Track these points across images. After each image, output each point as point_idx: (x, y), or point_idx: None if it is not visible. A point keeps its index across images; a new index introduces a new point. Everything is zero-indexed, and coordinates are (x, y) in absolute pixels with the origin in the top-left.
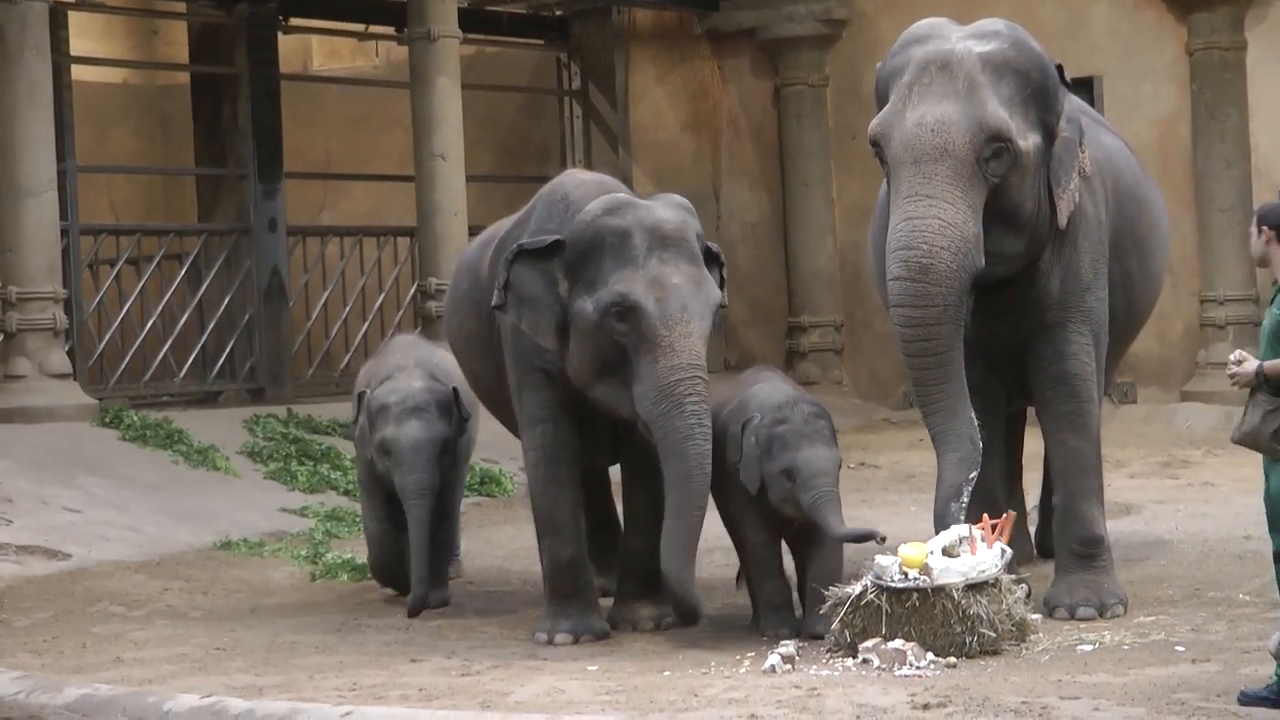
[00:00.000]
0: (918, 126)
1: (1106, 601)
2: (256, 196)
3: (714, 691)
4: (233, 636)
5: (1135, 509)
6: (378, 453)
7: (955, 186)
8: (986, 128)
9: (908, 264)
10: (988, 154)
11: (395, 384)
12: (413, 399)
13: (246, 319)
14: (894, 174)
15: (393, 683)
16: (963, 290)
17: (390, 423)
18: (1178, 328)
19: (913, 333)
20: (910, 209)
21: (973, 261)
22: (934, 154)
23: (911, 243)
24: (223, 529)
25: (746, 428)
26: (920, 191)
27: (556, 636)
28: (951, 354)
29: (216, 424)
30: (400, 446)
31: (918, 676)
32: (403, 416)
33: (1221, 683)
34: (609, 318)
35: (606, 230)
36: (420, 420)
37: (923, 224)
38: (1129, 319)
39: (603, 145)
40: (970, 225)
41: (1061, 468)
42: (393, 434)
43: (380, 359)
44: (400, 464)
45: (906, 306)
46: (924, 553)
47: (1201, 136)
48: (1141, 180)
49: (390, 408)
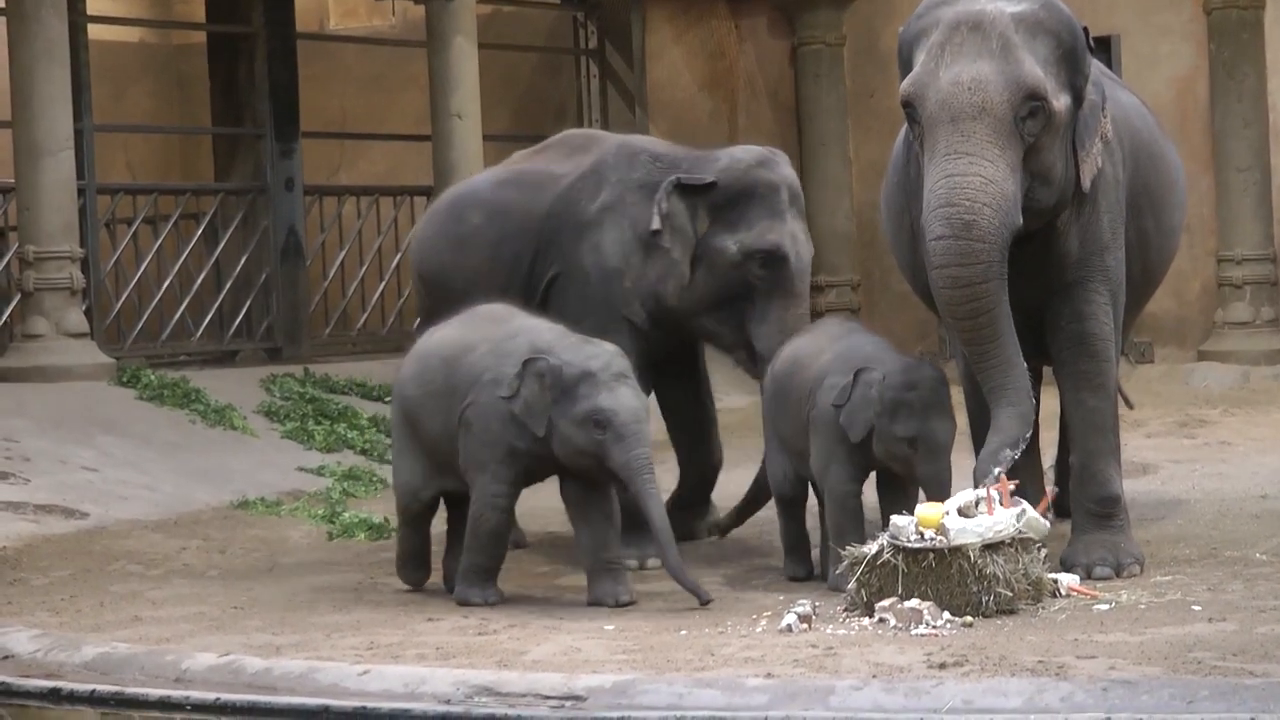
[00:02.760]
0: (954, 85)
1: (1123, 561)
2: (273, 156)
3: (730, 650)
4: (250, 595)
5: (1152, 468)
6: (577, 426)
7: (994, 144)
8: (1024, 86)
9: (950, 222)
10: (1024, 112)
11: (583, 348)
12: (617, 364)
13: (263, 278)
14: (929, 134)
15: (409, 641)
16: (1005, 247)
17: (601, 390)
18: (1195, 287)
19: (960, 294)
20: (949, 166)
21: (1013, 219)
22: (972, 112)
23: (953, 200)
24: (240, 488)
25: (861, 378)
26: (959, 149)
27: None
28: (1000, 310)
29: (233, 383)
30: (620, 418)
31: (934, 636)
32: (613, 384)
33: (1238, 642)
34: (752, 261)
35: (760, 181)
36: (631, 388)
37: (964, 181)
38: (1145, 278)
39: (619, 104)
40: (1009, 183)
41: (1079, 427)
42: (609, 403)
43: (498, 325)
44: (621, 437)
45: (951, 266)
46: (940, 513)
47: (1219, 96)
48: (1158, 138)
49: (596, 374)
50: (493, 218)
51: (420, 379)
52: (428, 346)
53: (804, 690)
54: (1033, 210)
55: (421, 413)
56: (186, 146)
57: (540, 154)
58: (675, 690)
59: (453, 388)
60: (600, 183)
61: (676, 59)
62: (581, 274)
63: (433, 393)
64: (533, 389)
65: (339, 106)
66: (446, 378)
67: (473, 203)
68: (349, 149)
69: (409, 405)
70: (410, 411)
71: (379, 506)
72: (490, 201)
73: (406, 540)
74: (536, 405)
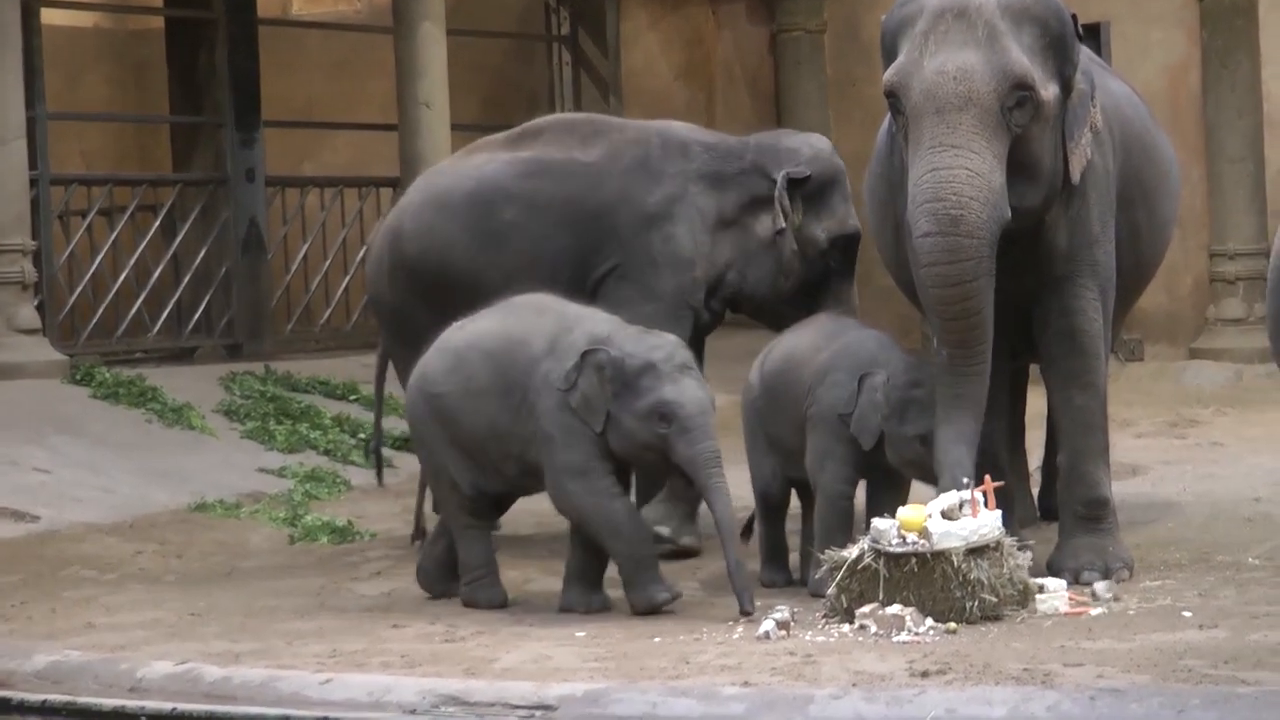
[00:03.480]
0: (939, 75)
1: (1112, 565)
2: (234, 145)
3: (706, 658)
4: (208, 601)
5: (1142, 470)
6: (640, 420)
7: (980, 136)
8: (1011, 75)
9: (937, 217)
10: (1011, 103)
11: (644, 339)
12: (680, 355)
13: (223, 272)
14: (914, 125)
15: (374, 649)
16: (994, 242)
17: (665, 382)
18: (1186, 282)
19: (950, 292)
20: (935, 159)
21: (1001, 213)
22: (958, 103)
23: (940, 194)
24: (198, 490)
25: (865, 383)
26: (945, 141)
27: None
28: (989, 311)
29: (192, 381)
30: (686, 410)
31: (916, 642)
32: (676, 375)
33: (1229, 649)
34: (835, 247)
35: (839, 169)
36: (694, 379)
37: (950, 174)
38: (1136, 272)
39: (593, 93)
40: (997, 175)
41: (1067, 426)
42: (674, 395)
43: (534, 317)
44: (687, 430)
45: (940, 264)
46: (923, 516)
47: (1212, 85)
48: (1150, 128)
49: (658, 365)
50: (532, 211)
51: (456, 376)
52: (462, 340)
53: (782, 699)
54: (1021, 204)
55: (460, 413)
56: (144, 135)
57: (535, 141)
58: (649, 699)
59: (506, 386)
60: (655, 174)
61: (652, 46)
62: (649, 264)
63: (475, 391)
64: (591, 382)
65: (302, 94)
66: (495, 374)
67: (502, 196)
68: (312, 138)
69: (439, 403)
70: (441, 410)
71: (342, 509)
72: (524, 195)
73: (470, 546)
74: (595, 399)
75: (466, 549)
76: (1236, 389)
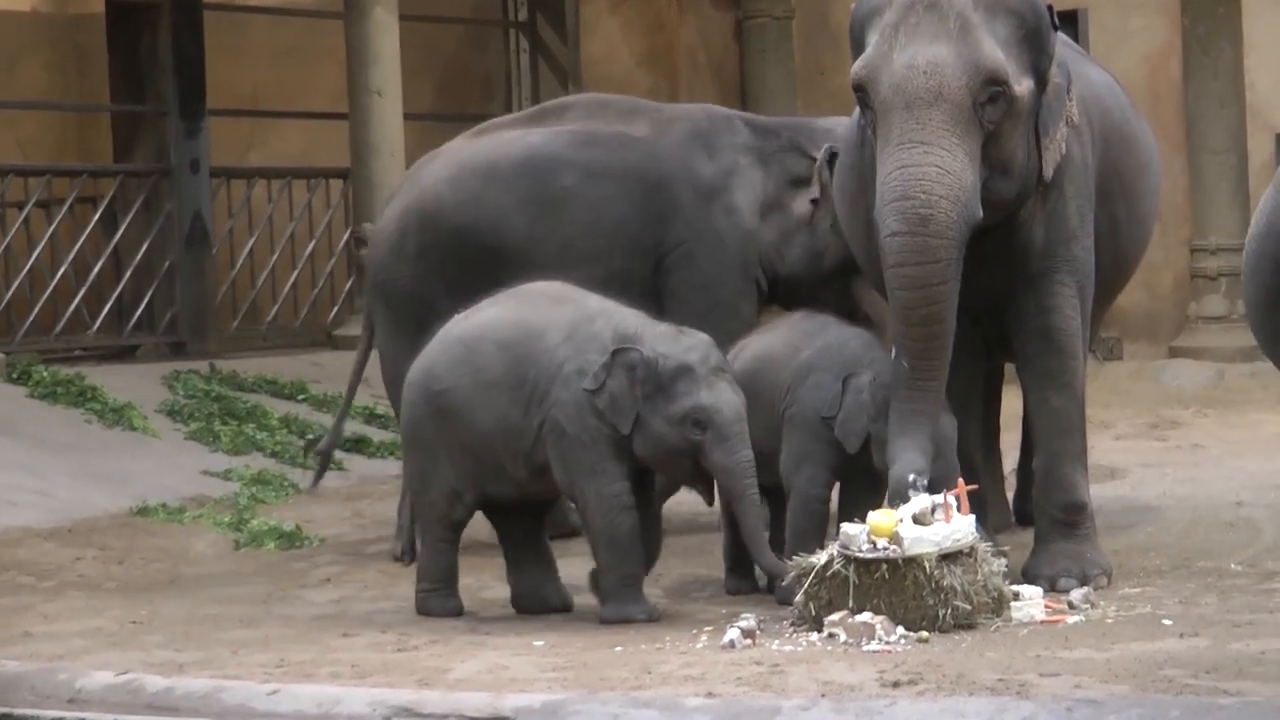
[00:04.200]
0: (908, 69)
1: (1089, 572)
2: (177, 135)
3: (669, 668)
4: (150, 609)
5: (1120, 473)
6: (673, 425)
7: (951, 132)
8: (983, 70)
9: (906, 216)
10: (984, 98)
11: (677, 339)
12: (714, 357)
13: (166, 267)
14: (883, 120)
15: (323, 659)
16: (963, 244)
17: (701, 387)
18: (1167, 279)
19: (917, 295)
20: (904, 156)
21: (972, 212)
22: (927, 98)
23: (909, 192)
24: (140, 493)
25: (850, 384)
26: (914, 138)
27: None
28: (951, 320)
29: (133, 380)
30: (723, 416)
31: (887, 652)
32: (712, 379)
33: (1211, 658)
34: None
35: None
36: (729, 382)
37: (919, 172)
38: (1116, 268)
39: (551, 81)
40: (968, 174)
41: (1043, 428)
42: (710, 401)
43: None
44: (724, 438)
45: (908, 265)
46: (894, 520)
47: (1193, 74)
48: (1130, 118)
49: (694, 368)
50: (589, 179)
51: (464, 368)
52: (470, 330)
53: (748, 710)
54: (992, 202)
55: (466, 407)
56: (83, 124)
57: (563, 118)
58: (609, 710)
59: (519, 379)
60: (710, 147)
61: (613, 32)
62: (716, 239)
63: (486, 383)
64: (621, 382)
65: (249, 82)
66: (508, 367)
67: (559, 163)
68: (259, 128)
69: (445, 399)
70: (446, 407)
71: (290, 513)
72: (581, 162)
73: (438, 558)
74: (624, 401)
75: (432, 558)
76: (1218, 389)
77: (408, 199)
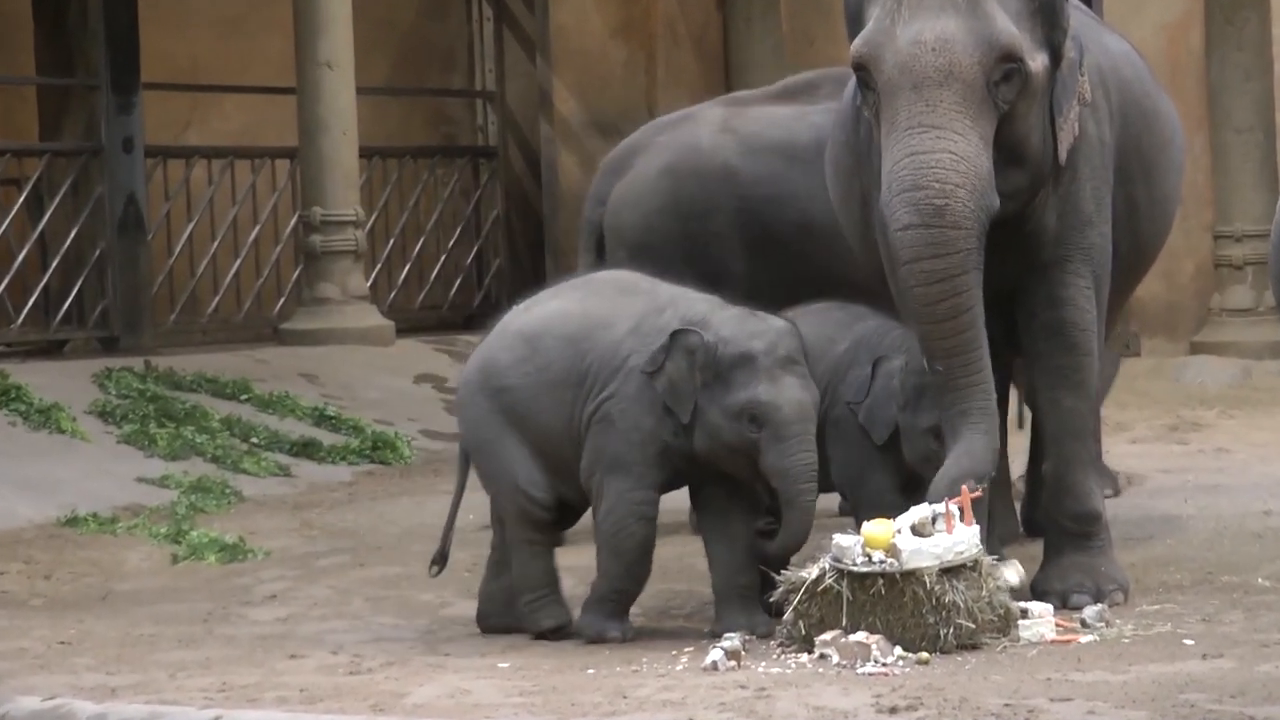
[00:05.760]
0: (915, 45)
1: (1104, 587)
2: (109, 111)
3: (646, 692)
4: (80, 628)
5: (1138, 479)
6: (729, 418)
7: (964, 115)
8: (997, 46)
9: (919, 208)
10: (998, 76)
11: (745, 324)
12: (785, 346)
13: (97, 255)
14: (887, 102)
15: (268, 683)
16: (982, 234)
17: (761, 378)
18: (1188, 268)
19: (936, 290)
20: (914, 142)
21: (989, 200)
22: (937, 77)
23: (921, 182)
24: (69, 502)
25: (880, 368)
26: (924, 122)
27: None
28: (977, 310)
29: (62, 378)
30: (782, 414)
31: (883, 674)
32: (776, 371)
33: (1236, 681)
34: None
35: None
36: (798, 376)
37: (931, 159)
38: (1135, 256)
39: (518, 53)
40: (983, 159)
41: (1053, 431)
42: (768, 395)
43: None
44: (781, 438)
45: (924, 259)
46: (890, 531)
47: (1216, 44)
48: (1151, 91)
49: (756, 357)
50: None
51: (528, 365)
52: (531, 324)
53: None
54: (1007, 190)
55: (532, 406)
56: (7, 99)
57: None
58: None
59: (583, 374)
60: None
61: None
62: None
63: (551, 381)
64: (679, 366)
65: (187, 53)
66: (573, 362)
67: (819, 143)
68: (199, 103)
69: (510, 398)
70: (512, 405)
71: (232, 524)
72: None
73: (532, 561)
74: (682, 386)
75: (526, 565)
76: (1244, 388)
77: (672, 158)
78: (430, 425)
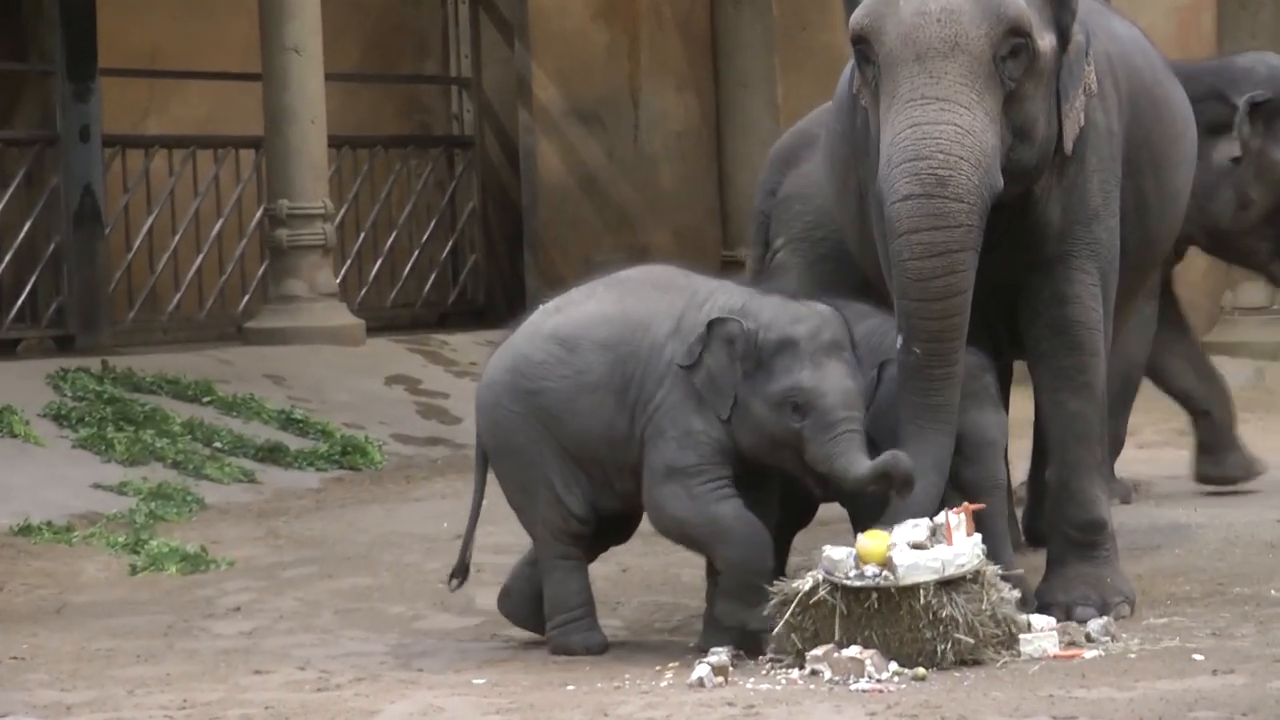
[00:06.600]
0: (919, 16)
1: (1110, 599)
2: (65, 98)
3: (628, 709)
4: (34, 642)
5: (1145, 486)
6: (771, 408)
7: (970, 88)
8: (1004, 18)
9: (920, 178)
10: (1005, 51)
11: (786, 309)
12: (829, 331)
13: (52, 249)
14: (888, 75)
15: (232, 699)
16: (984, 213)
17: (804, 364)
18: (1199, 264)
19: (933, 265)
20: (916, 114)
21: (993, 179)
22: (942, 49)
23: (923, 152)
24: (21, 509)
25: (885, 373)
26: (928, 94)
27: None
28: (969, 296)
29: (14, 379)
30: (826, 401)
31: (878, 691)
32: (820, 357)
33: (1248, 698)
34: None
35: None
36: (843, 362)
37: (935, 130)
38: (1144, 252)
39: (495, 37)
40: (989, 135)
41: (1057, 435)
42: (811, 382)
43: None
44: (825, 426)
45: (922, 230)
46: (885, 545)
47: (1229, 30)
48: (1162, 79)
49: (799, 343)
50: (839, 144)
51: (564, 368)
52: (565, 326)
53: None
54: (1011, 172)
55: (568, 409)
56: None
57: None
58: None
59: (625, 382)
60: None
61: None
62: None
63: (589, 386)
64: (719, 357)
65: (147, 38)
66: (611, 366)
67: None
68: (159, 90)
69: (544, 400)
70: (546, 408)
71: (193, 533)
72: None
73: (566, 581)
74: (723, 378)
75: (559, 585)
76: (1257, 390)
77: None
78: (402, 429)
